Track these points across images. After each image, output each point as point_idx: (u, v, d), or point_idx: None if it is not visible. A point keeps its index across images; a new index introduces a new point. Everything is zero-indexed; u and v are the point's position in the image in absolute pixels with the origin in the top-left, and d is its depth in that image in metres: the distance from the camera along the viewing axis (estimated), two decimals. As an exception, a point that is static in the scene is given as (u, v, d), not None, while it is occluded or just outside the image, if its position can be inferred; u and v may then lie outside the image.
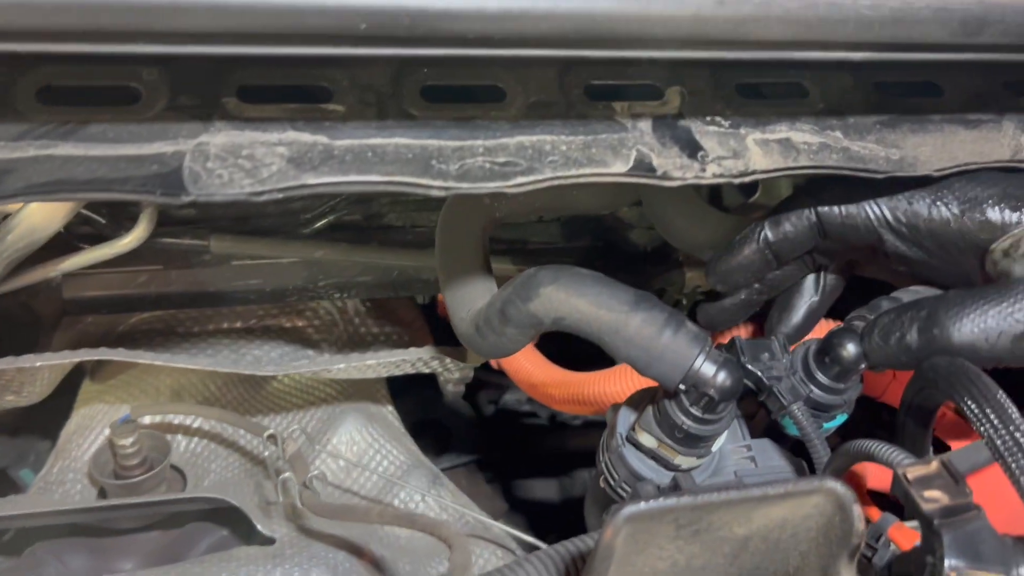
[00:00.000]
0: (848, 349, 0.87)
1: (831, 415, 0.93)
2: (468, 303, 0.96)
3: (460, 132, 0.72)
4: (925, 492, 0.65)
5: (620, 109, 0.77)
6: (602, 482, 0.95)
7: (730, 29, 0.66)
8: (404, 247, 1.26)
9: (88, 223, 1.12)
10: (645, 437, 0.88)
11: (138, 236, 0.99)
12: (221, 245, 1.15)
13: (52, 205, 0.96)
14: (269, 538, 1.05)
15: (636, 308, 0.81)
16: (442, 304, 1.24)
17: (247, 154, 0.67)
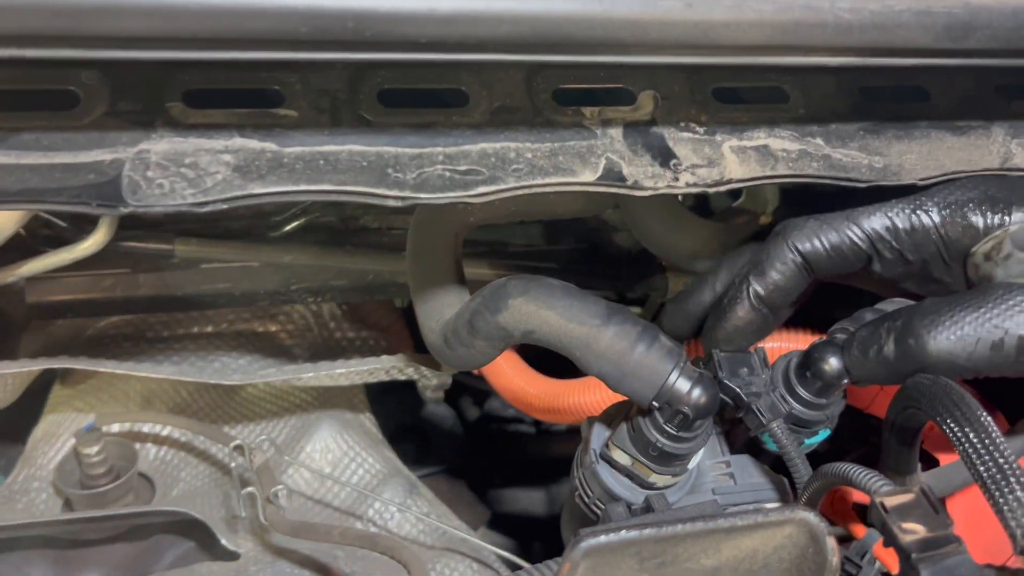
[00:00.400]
0: (830, 363, 0.84)
1: (813, 431, 0.89)
2: (438, 313, 0.93)
3: (419, 139, 0.69)
4: (903, 523, 0.61)
5: (590, 115, 0.73)
6: (577, 498, 0.91)
7: (700, 34, 0.63)
8: (379, 250, 1.23)
9: (48, 226, 1.08)
10: (619, 454, 0.84)
11: (98, 240, 0.96)
12: (186, 249, 1.11)
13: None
14: (234, 553, 1.02)
15: (608, 321, 0.78)
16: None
17: (190, 162, 0.64)
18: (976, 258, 0.78)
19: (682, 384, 0.77)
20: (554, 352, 0.81)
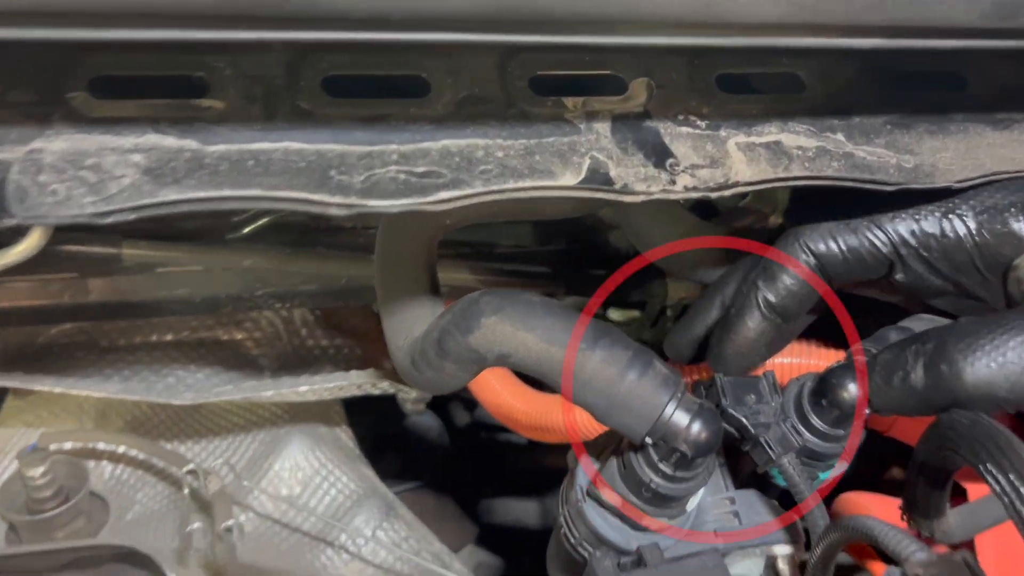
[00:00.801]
0: (848, 391, 0.73)
1: (829, 464, 0.79)
2: (406, 329, 0.82)
3: (369, 134, 0.58)
4: (942, 599, 0.51)
5: (573, 106, 0.63)
6: (562, 536, 0.81)
7: (702, 8, 0.52)
8: (354, 251, 1.12)
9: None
10: (608, 493, 0.74)
11: (31, 245, 0.85)
12: (134, 253, 1.01)
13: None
14: (184, 589, 0.92)
15: (594, 344, 0.68)
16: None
17: (92, 164, 0.53)
18: (1019, 272, 0.69)
19: (680, 417, 0.67)
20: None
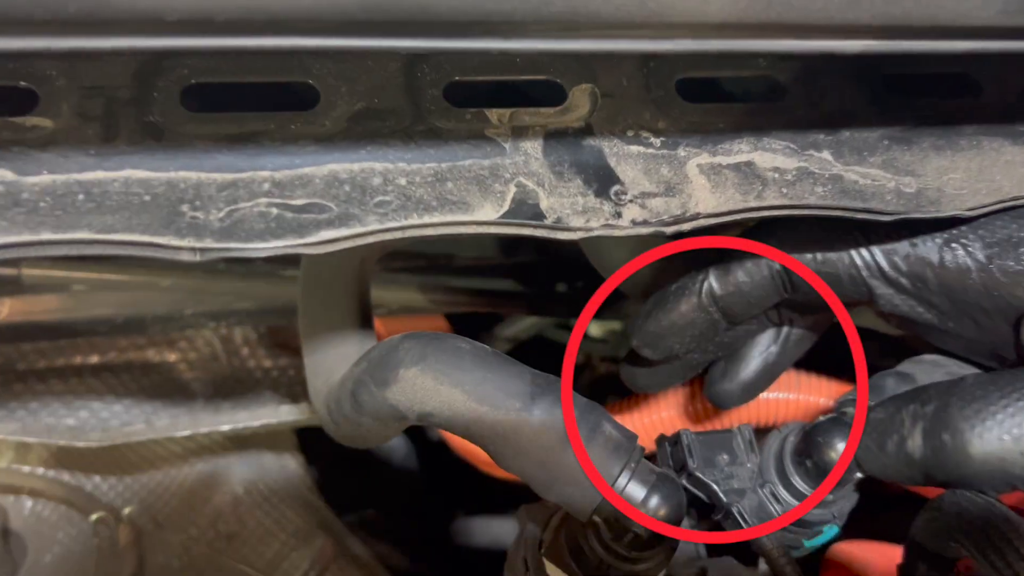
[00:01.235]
0: (838, 450, 0.63)
1: (816, 531, 0.68)
2: (326, 370, 0.71)
3: (235, 158, 0.47)
4: None
5: (497, 120, 0.51)
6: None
7: (659, 9, 0.40)
8: (292, 266, 1.00)
9: None
10: (554, 570, 0.63)
11: None
12: (35, 274, 0.89)
13: None
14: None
15: (532, 404, 0.56)
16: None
17: None
18: (1036, 321, 0.57)
19: (634, 491, 0.56)
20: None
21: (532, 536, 0.67)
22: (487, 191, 0.49)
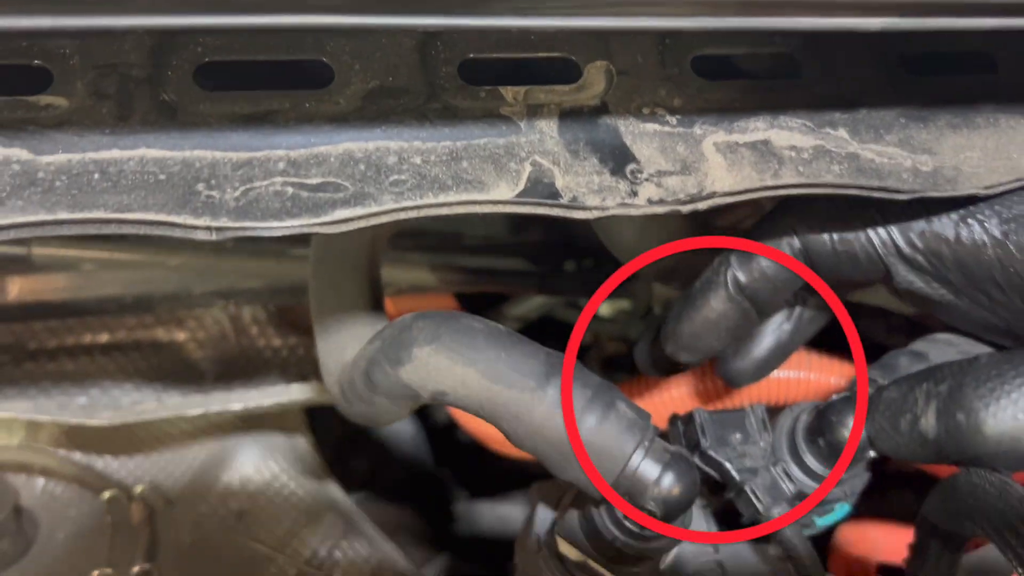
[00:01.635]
0: (850, 430, 0.62)
1: (828, 509, 0.68)
2: (339, 350, 0.71)
3: (250, 137, 0.47)
4: None
5: (512, 98, 0.51)
6: (519, 588, 0.71)
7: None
8: (303, 245, 1.00)
9: None
10: (567, 548, 0.63)
11: None
12: (46, 253, 0.89)
13: None
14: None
15: (546, 382, 0.56)
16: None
17: None
18: (1052, 297, 0.57)
19: (648, 470, 0.56)
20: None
21: (544, 514, 0.67)
22: (502, 170, 0.49)
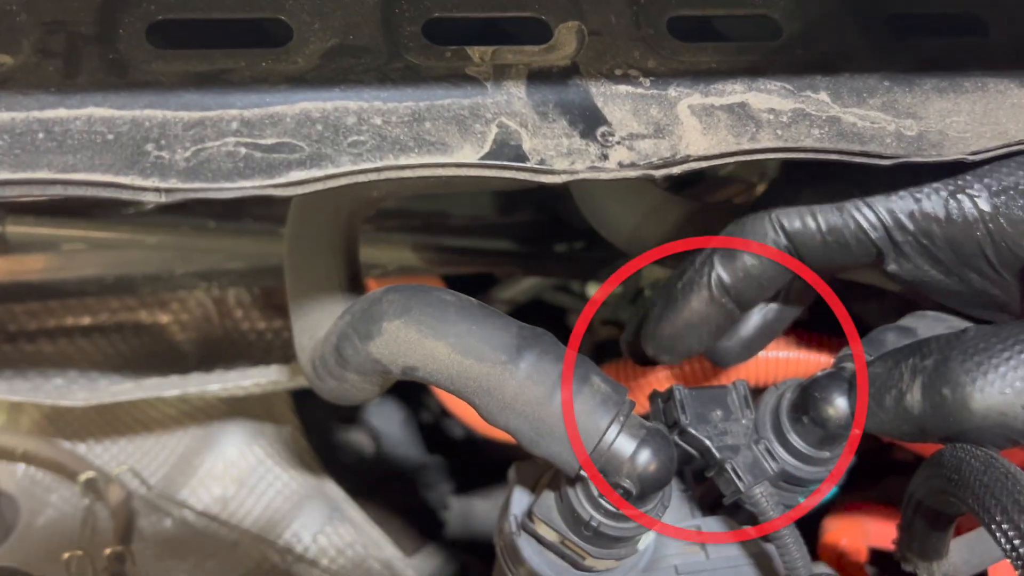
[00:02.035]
0: (836, 406, 0.61)
1: (811, 489, 0.66)
2: (312, 326, 0.69)
3: (202, 96, 0.45)
4: None
5: (479, 58, 0.49)
6: (498, 569, 0.69)
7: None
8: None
9: None
10: (544, 529, 0.62)
11: None
12: (20, 232, 0.88)
13: None
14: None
15: (518, 356, 0.55)
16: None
17: None
18: (1042, 270, 0.55)
19: (623, 445, 0.55)
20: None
21: (521, 496, 0.65)
22: (467, 131, 0.47)
